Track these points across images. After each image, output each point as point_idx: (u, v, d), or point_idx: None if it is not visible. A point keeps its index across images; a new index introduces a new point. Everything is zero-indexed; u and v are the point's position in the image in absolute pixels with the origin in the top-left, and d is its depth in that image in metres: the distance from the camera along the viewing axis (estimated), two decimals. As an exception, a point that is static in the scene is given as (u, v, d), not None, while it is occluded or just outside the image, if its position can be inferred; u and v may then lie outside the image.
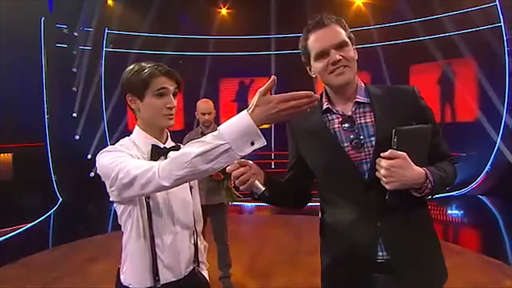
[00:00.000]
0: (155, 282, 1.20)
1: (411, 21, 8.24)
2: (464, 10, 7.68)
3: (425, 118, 1.18)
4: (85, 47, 8.69)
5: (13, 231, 5.33)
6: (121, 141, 1.25)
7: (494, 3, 7.49)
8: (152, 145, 1.23)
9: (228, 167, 1.17)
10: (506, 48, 7.38)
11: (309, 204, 1.41)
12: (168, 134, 1.32)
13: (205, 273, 1.39)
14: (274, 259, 3.97)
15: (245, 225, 3.49)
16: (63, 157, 7.66)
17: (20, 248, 4.72)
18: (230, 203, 3.13)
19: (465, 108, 8.02)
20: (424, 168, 1.09)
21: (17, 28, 6.56)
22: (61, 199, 7.52)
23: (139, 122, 1.27)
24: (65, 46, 8.44)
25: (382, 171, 1.06)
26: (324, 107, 1.23)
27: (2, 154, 7.12)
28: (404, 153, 1.06)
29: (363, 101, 1.20)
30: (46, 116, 7.78)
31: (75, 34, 8.59)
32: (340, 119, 1.19)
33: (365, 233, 1.14)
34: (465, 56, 7.64)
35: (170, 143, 1.30)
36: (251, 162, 1.18)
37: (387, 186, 1.07)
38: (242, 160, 1.16)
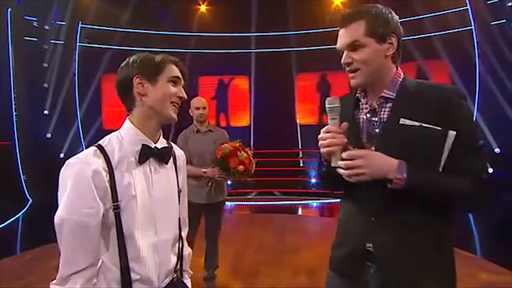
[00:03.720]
0: None
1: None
2: (438, 13, 7.92)
3: (454, 125, 1.08)
4: (57, 41, 8.32)
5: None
6: (107, 138, 1.13)
7: (466, 7, 7.77)
8: (143, 144, 1.12)
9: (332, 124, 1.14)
10: (476, 51, 7.68)
11: (288, 203, 1.40)
12: (161, 132, 1.21)
13: (187, 282, 1.30)
14: (258, 259, 3.93)
15: (226, 225, 3.43)
16: (33, 156, 7.31)
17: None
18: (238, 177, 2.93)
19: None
20: (400, 161, 1.08)
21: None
22: (30, 201, 7.18)
23: (134, 116, 1.15)
24: (35, 40, 8.05)
25: (342, 171, 1.11)
26: (357, 95, 1.27)
27: (-35, 154, 6.72)
28: (368, 151, 1.10)
29: (388, 96, 1.18)
30: (14, 114, 7.40)
31: (46, 27, 8.21)
32: (367, 110, 1.22)
33: (360, 226, 1.19)
34: (439, 57, 7.88)
35: (162, 143, 1.19)
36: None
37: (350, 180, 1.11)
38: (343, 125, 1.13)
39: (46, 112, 8.12)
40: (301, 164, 9.01)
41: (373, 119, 1.18)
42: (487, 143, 7.39)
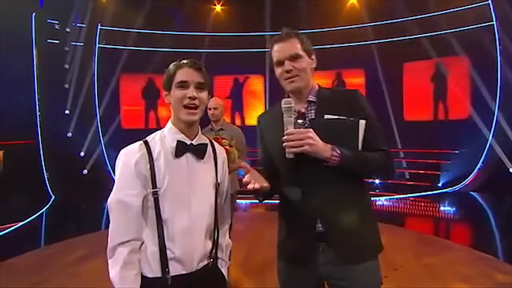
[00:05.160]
0: (165, 273, 1.23)
1: (405, 19, 8.28)
2: (458, 9, 7.74)
3: (362, 116, 1.38)
4: (77, 43, 8.58)
5: (4, 230, 5.26)
6: (152, 135, 1.32)
7: (487, 2, 7.55)
8: (178, 141, 1.28)
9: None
10: (498, 47, 7.46)
11: None
12: (199, 130, 1.37)
13: (223, 270, 1.43)
14: (269, 256, 3.95)
15: (239, 222, 3.51)
16: (55, 154, 7.58)
17: (11, 247, 4.64)
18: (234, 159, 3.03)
19: (458, 106, 8.10)
20: (331, 145, 1.32)
21: (7, 23, 6.45)
22: (53, 197, 7.45)
23: (172, 117, 1.34)
24: (57, 42, 8.33)
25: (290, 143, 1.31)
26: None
27: (-7, 152, 7.03)
28: (312, 132, 1.32)
29: (313, 100, 1.46)
30: (38, 113, 7.69)
31: (67, 29, 8.49)
32: (296, 115, 1.40)
33: (307, 209, 1.38)
34: (458, 54, 7.69)
35: (199, 140, 1.34)
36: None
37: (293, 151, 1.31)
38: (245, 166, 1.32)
39: (67, 112, 8.39)
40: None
41: (300, 121, 1.42)
42: (508, 142, 7.18)
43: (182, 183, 1.27)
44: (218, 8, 9.67)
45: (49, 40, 8.10)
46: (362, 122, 1.37)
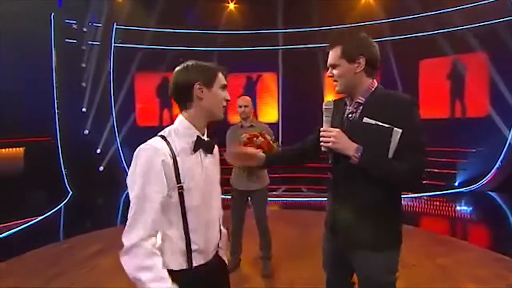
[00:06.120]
0: (190, 265, 1.30)
1: (421, 15, 8.12)
2: (476, 4, 7.53)
3: (403, 125, 1.42)
4: (94, 42, 8.76)
5: (23, 224, 5.44)
6: (167, 130, 1.33)
7: (507, -4, 7.32)
8: (197, 136, 1.33)
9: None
10: (519, 42, 7.21)
11: (315, 199, 1.62)
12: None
13: (224, 258, 1.54)
14: (281, 253, 3.98)
15: (252, 220, 3.54)
16: (73, 151, 7.78)
17: (30, 241, 4.78)
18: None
19: (476, 104, 7.90)
20: (359, 146, 1.46)
21: (27, 23, 6.64)
22: (71, 193, 7.65)
23: (189, 113, 1.35)
24: (75, 41, 8.52)
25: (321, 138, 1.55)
26: (345, 99, 1.64)
27: (14, 149, 7.25)
28: (340, 131, 1.50)
29: (360, 101, 1.55)
30: (56, 111, 7.89)
31: (84, 29, 8.66)
32: (349, 111, 1.59)
33: (334, 194, 1.65)
34: (476, 50, 7.49)
35: (206, 138, 1.41)
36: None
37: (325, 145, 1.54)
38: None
39: (84, 109, 8.59)
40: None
41: (352, 118, 1.56)
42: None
43: (200, 177, 1.33)
44: (231, 6, 9.70)
45: (67, 40, 8.29)
46: (397, 131, 1.42)
